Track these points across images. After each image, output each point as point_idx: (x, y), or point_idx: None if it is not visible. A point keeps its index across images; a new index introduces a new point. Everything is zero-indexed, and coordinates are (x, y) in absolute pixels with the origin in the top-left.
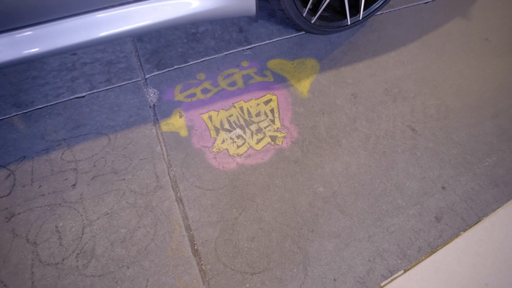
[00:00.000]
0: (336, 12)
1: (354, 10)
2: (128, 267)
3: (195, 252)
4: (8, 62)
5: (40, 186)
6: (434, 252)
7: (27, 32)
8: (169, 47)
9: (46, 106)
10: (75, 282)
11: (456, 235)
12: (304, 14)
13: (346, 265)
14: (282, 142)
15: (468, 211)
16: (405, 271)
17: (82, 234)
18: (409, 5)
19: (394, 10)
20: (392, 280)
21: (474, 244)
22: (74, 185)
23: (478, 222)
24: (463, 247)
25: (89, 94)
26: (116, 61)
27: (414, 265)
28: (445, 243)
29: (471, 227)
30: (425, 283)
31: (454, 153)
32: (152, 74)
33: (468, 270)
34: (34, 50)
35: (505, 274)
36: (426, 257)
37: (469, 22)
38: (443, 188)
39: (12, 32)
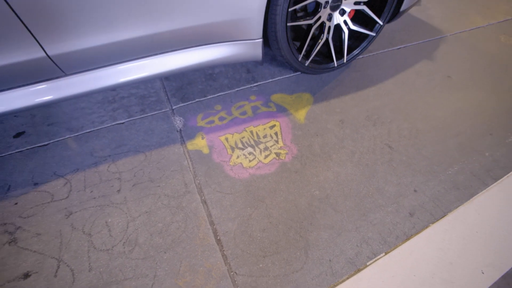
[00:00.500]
0: (325, 57)
1: (339, 55)
2: (165, 252)
3: (218, 241)
4: (68, 97)
5: (91, 191)
6: (409, 239)
7: (88, 75)
8: (191, 85)
9: (93, 130)
10: (123, 263)
11: (426, 226)
12: (300, 59)
13: (339, 249)
14: (285, 157)
15: (436, 208)
16: (385, 254)
17: (127, 228)
18: (385, 50)
19: (373, 55)
20: (375, 260)
21: (440, 233)
22: (119, 190)
23: (444, 216)
24: (432, 235)
25: (127, 121)
26: (148, 95)
27: (393, 249)
28: (417, 232)
29: (438, 220)
30: (402, 263)
31: (423, 165)
32: (178, 105)
33: (435, 252)
34: (88, 88)
35: (465, 255)
36: (402, 243)
37: (434, 63)
38: (415, 191)
39: (79, 74)
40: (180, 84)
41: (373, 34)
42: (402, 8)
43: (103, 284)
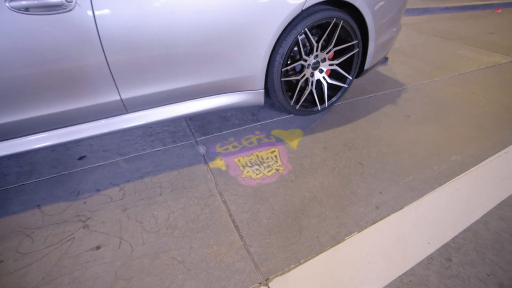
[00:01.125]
0: (310, 103)
1: (322, 101)
2: (197, 233)
3: (236, 226)
4: (126, 129)
5: (140, 195)
6: (375, 223)
7: (141, 113)
8: (209, 124)
9: (138, 154)
10: (167, 240)
11: (388, 215)
12: (291, 104)
13: (324, 230)
14: (282, 171)
15: (395, 203)
16: (358, 232)
17: (168, 218)
18: (358, 98)
19: (349, 101)
20: (351, 237)
21: (398, 219)
22: (160, 194)
23: (401, 209)
24: (392, 220)
25: (163, 148)
26: (177, 131)
27: (363, 229)
28: (382, 219)
29: (396, 211)
30: (370, 238)
31: (387, 175)
32: (201, 138)
33: (395, 231)
34: (140, 122)
35: (416, 233)
36: (370, 225)
37: (397, 106)
38: (380, 193)
39: (135, 112)
40: (201, 123)
41: (345, 85)
42: (365, 67)
43: (154, 252)
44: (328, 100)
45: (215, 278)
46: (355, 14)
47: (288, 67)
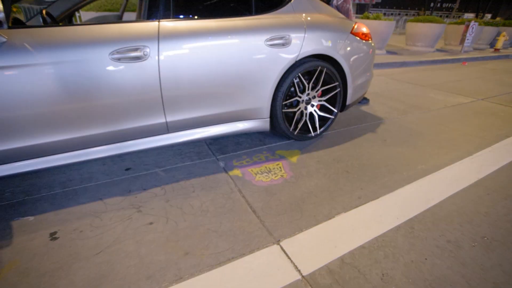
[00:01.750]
0: (306, 130)
1: (314, 129)
2: (225, 214)
3: (253, 210)
4: (164, 146)
5: (178, 192)
6: (358, 207)
7: (177, 133)
8: (226, 147)
9: (172, 167)
10: (203, 219)
11: (368, 201)
12: (291, 131)
13: (319, 211)
14: (286, 177)
15: (374, 195)
16: (345, 212)
17: (201, 205)
18: (345, 128)
19: (337, 131)
20: (340, 214)
21: (375, 204)
22: (193, 191)
23: (378, 198)
24: (370, 205)
25: (191, 163)
26: (201, 151)
27: (349, 210)
28: (362, 204)
29: (374, 199)
30: (356, 214)
31: (366, 179)
32: (220, 156)
33: (372, 211)
34: (177, 141)
35: (388, 212)
36: (354, 208)
37: (376, 134)
38: (361, 189)
39: (173, 133)
40: (219, 146)
41: (332, 117)
42: (347, 103)
43: (194, 226)
44: (319, 128)
45: (240, 240)
46: (336, 64)
47: (287, 102)
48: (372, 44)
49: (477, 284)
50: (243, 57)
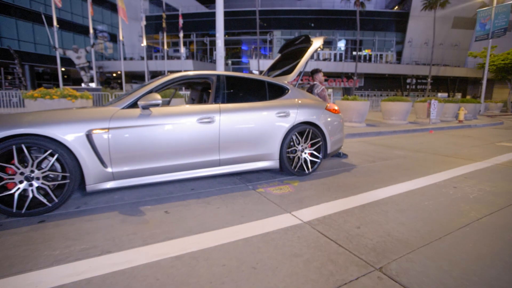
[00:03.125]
0: (302, 169)
1: (308, 169)
2: (257, 205)
3: (274, 203)
4: (218, 175)
5: (228, 200)
6: (343, 198)
7: (224, 167)
8: (250, 179)
9: (221, 188)
10: (246, 206)
11: (355, 195)
12: (292, 169)
13: (311, 203)
14: (291, 190)
15: (357, 194)
16: (334, 200)
17: (244, 202)
18: (330, 170)
19: (324, 171)
20: (318, 205)
21: (363, 196)
22: (238, 197)
23: (359, 193)
24: (357, 197)
25: (231, 187)
26: (235, 182)
27: (339, 199)
28: (349, 196)
29: (357, 194)
30: (344, 201)
31: (351, 192)
32: (248, 183)
33: (357, 199)
34: (222, 172)
35: (367, 197)
36: (342, 198)
37: (350, 172)
38: (335, 196)
39: (221, 166)
40: (246, 179)
41: (319, 160)
42: (328, 152)
43: (243, 208)
44: (311, 168)
45: (270, 212)
46: (318, 127)
47: (289, 150)
48: (341, 115)
49: None
50: (263, 123)
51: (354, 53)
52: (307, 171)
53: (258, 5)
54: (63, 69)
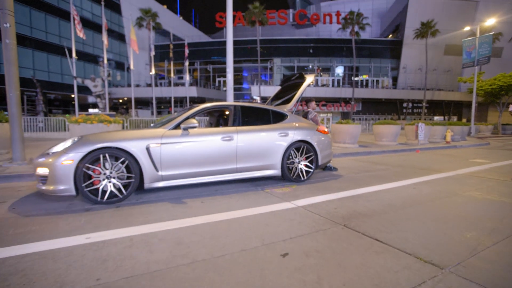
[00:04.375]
0: (299, 177)
1: (303, 176)
2: (266, 198)
3: (277, 197)
4: (236, 179)
5: (244, 195)
6: (337, 193)
7: (239, 173)
8: (258, 185)
9: (238, 190)
10: (259, 199)
11: (343, 190)
12: (291, 176)
13: (305, 196)
14: (290, 190)
15: (349, 189)
16: (327, 194)
17: (256, 196)
18: (321, 178)
19: (317, 179)
20: (310, 197)
21: (354, 192)
22: (251, 195)
23: (347, 190)
24: (347, 193)
25: (245, 189)
26: (247, 186)
27: (333, 193)
28: (341, 191)
29: (347, 190)
30: (316, 198)
31: (339, 186)
32: (257, 187)
33: (344, 194)
34: (239, 177)
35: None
36: (336, 192)
37: (337, 180)
38: (324, 193)
39: (238, 172)
40: (256, 184)
41: (312, 170)
42: (319, 164)
43: (256, 199)
44: (306, 176)
45: (276, 201)
46: (310, 144)
47: (288, 161)
48: (329, 135)
49: None
50: (268, 141)
51: (353, 78)
52: (302, 178)
53: (259, 34)
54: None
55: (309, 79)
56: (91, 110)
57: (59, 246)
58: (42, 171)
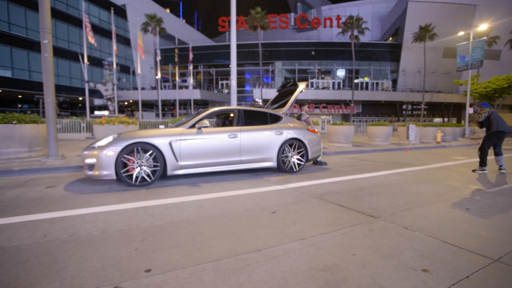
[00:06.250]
0: (291, 169)
1: (295, 168)
2: (264, 182)
3: (273, 183)
4: (238, 169)
5: (246, 180)
6: (327, 179)
7: (240, 164)
8: (258, 174)
9: (241, 177)
10: (257, 182)
11: (334, 177)
12: (285, 168)
13: (296, 182)
14: (284, 178)
15: (336, 177)
16: (317, 180)
17: (255, 181)
18: (311, 170)
19: (306, 170)
20: (301, 182)
21: (344, 179)
22: (252, 180)
23: (337, 176)
24: (337, 179)
25: (247, 177)
26: (249, 175)
27: (321, 180)
28: (331, 178)
29: (336, 177)
30: (306, 182)
31: (327, 175)
32: (257, 176)
33: (337, 182)
34: (242, 167)
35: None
36: (325, 179)
37: (324, 171)
38: (314, 179)
39: (240, 163)
40: (256, 173)
41: (303, 163)
42: (309, 158)
43: (255, 183)
44: (298, 168)
45: (268, 185)
46: (302, 142)
47: (283, 155)
48: (318, 134)
49: None
50: (266, 138)
51: (353, 80)
52: (295, 170)
53: (261, 38)
54: (80, 98)
55: (301, 86)
56: (97, 112)
57: (117, 208)
58: (90, 160)
